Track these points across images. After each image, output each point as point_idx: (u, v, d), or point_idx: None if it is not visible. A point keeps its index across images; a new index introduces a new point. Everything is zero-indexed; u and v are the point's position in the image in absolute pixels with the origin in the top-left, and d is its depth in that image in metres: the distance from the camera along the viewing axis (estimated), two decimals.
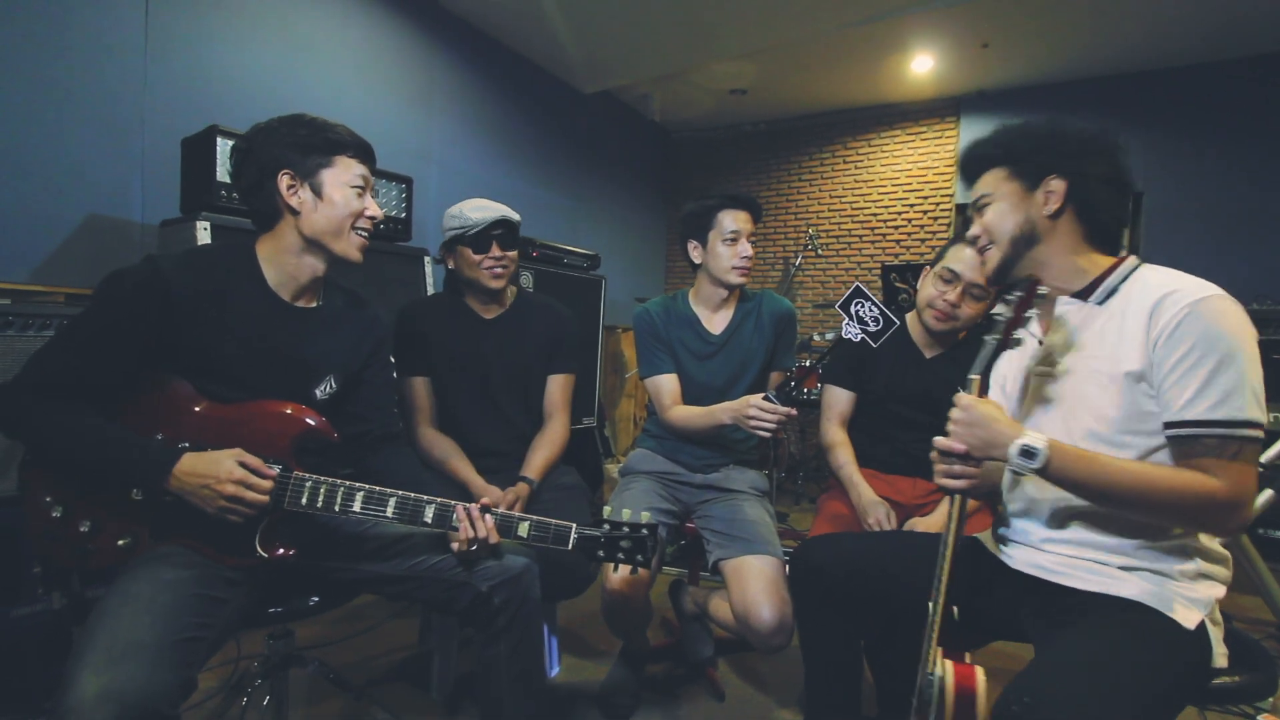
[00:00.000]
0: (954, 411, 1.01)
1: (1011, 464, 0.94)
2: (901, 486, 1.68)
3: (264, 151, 1.14)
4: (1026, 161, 1.09)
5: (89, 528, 1.07)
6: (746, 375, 1.83)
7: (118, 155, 2.23)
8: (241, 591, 1.10)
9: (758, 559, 1.54)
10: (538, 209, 4.16)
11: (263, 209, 1.17)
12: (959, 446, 0.99)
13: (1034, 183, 1.08)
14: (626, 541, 1.15)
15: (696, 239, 1.78)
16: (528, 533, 1.15)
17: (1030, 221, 1.08)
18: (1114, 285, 1.06)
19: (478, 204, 1.69)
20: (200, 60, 2.46)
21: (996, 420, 0.97)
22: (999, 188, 1.12)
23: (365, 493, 1.11)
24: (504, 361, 1.75)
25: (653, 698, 1.82)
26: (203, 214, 1.85)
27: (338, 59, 3.00)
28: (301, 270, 1.20)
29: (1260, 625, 2.22)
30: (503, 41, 3.90)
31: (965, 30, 3.71)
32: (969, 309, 1.62)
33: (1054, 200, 1.07)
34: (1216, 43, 3.69)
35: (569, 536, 1.15)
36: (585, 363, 3.28)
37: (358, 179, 1.19)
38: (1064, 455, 0.94)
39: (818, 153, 5.20)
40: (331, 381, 1.26)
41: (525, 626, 1.25)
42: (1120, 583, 1.00)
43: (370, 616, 2.23)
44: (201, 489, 1.02)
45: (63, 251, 2.10)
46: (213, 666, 1.82)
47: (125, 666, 0.86)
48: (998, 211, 1.11)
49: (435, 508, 1.14)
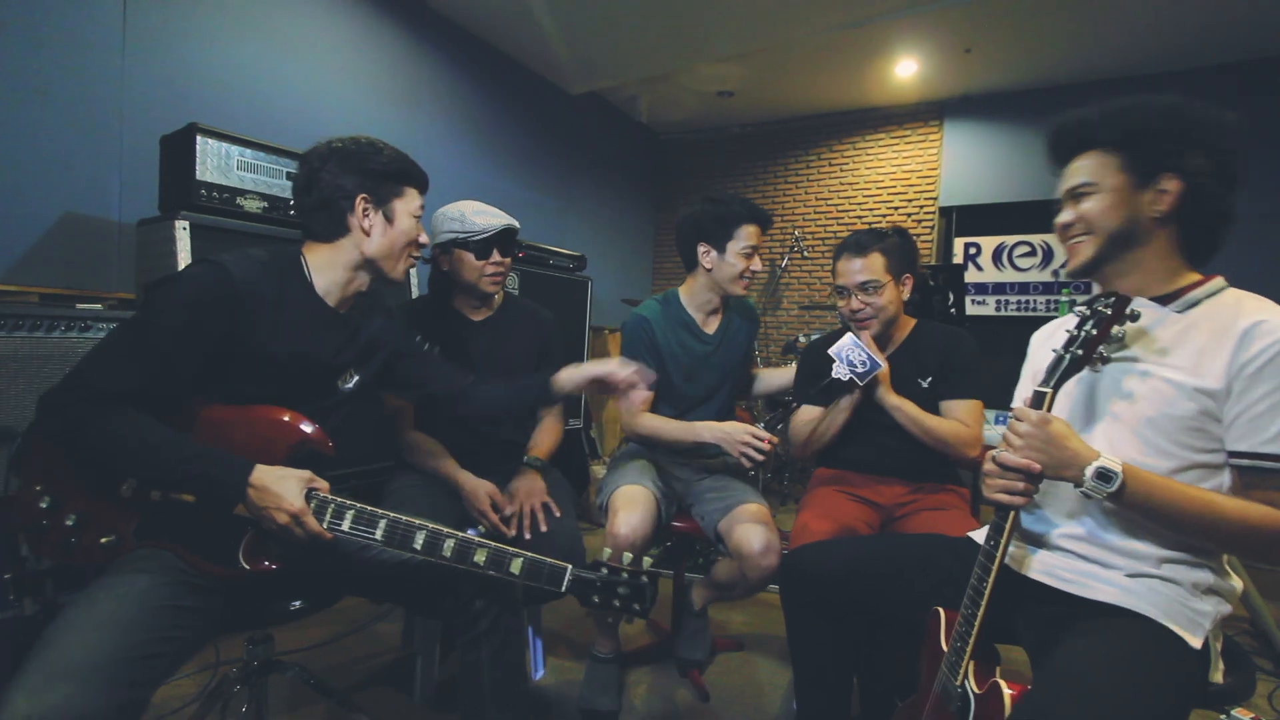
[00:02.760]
0: (1020, 426, 0.97)
1: (1085, 486, 0.92)
2: (880, 489, 1.69)
3: (343, 172, 1.18)
4: (1144, 154, 1.01)
5: (75, 521, 1.05)
6: (734, 375, 1.86)
7: (95, 153, 2.19)
8: (219, 599, 1.09)
9: (745, 505, 1.66)
10: (524, 210, 4.14)
11: (328, 224, 1.20)
12: (1032, 466, 0.94)
13: (1147, 179, 1.01)
14: (624, 589, 1.08)
15: (711, 244, 1.78)
16: (520, 569, 1.08)
17: (1135, 221, 1.01)
18: (1198, 299, 1.01)
19: (477, 208, 1.69)
20: (180, 57, 2.42)
21: (1069, 439, 0.94)
22: (1106, 178, 1.03)
23: (355, 512, 1.08)
24: (493, 363, 1.75)
25: (637, 700, 1.82)
26: (182, 213, 1.82)
27: (321, 57, 2.97)
28: (351, 285, 1.24)
29: (1233, 622, 2.26)
30: (490, 42, 3.88)
31: (949, 35, 3.75)
32: (877, 300, 1.65)
33: (1165, 202, 1.00)
34: (1198, 49, 3.76)
35: (563, 578, 1.08)
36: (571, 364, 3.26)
37: (419, 209, 1.28)
38: (1139, 481, 0.91)
39: (803, 155, 5.23)
40: (355, 375, 1.29)
41: (507, 630, 1.24)
42: (1126, 593, 0.97)
43: (353, 620, 2.20)
44: (261, 511, 1.02)
45: (38, 250, 2.06)
46: (191, 673, 1.79)
47: (60, 689, 0.83)
48: (1101, 203, 1.03)
49: (426, 534, 1.08)
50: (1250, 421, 0.92)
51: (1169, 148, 1.00)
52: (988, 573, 0.97)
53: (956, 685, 1.00)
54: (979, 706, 0.96)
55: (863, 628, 1.32)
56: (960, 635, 1.00)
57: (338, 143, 1.21)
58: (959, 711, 0.99)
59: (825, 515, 1.61)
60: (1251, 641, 2.15)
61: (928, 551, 1.26)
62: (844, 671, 1.34)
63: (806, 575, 1.29)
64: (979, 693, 0.97)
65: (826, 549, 1.33)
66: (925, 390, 1.66)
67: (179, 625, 1.00)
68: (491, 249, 1.69)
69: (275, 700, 1.69)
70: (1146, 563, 0.99)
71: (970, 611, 0.99)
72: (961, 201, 4.63)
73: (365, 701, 1.71)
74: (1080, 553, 1.04)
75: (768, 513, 1.66)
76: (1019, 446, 0.96)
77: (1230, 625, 2.22)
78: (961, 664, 0.99)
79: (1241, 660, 1.06)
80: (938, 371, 1.66)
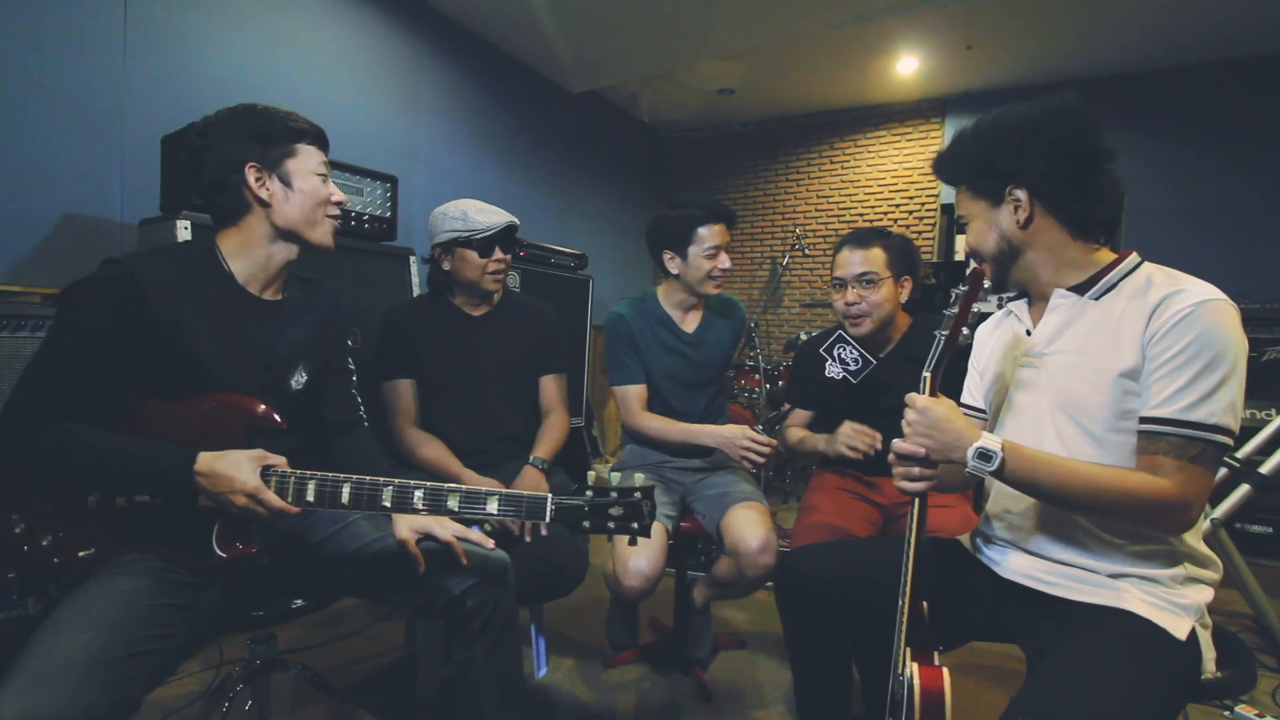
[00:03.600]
0: (909, 413, 1.00)
1: (968, 466, 0.94)
2: (882, 487, 1.69)
3: (224, 145, 1.11)
4: (982, 179, 1.06)
5: (51, 541, 1.03)
6: (717, 373, 1.88)
7: (96, 152, 2.19)
8: (210, 596, 1.08)
9: (744, 505, 1.67)
10: (525, 208, 4.13)
11: (227, 204, 1.14)
12: (918, 450, 0.98)
13: (998, 198, 1.06)
14: (617, 509, 1.02)
15: (674, 250, 1.79)
16: (497, 508, 1.03)
17: (1005, 237, 1.06)
18: (1113, 281, 1.03)
19: (478, 206, 1.69)
20: (181, 56, 2.42)
21: (952, 421, 0.96)
22: (968, 207, 1.09)
23: (318, 481, 1.05)
24: (494, 359, 1.76)
25: (639, 697, 1.82)
26: (184, 213, 1.82)
27: (323, 56, 2.97)
28: (273, 261, 1.18)
29: (1238, 619, 2.25)
30: (491, 41, 3.88)
31: (950, 32, 3.74)
32: (873, 295, 1.63)
33: (1021, 211, 1.04)
34: (1199, 46, 3.74)
35: (545, 508, 1.02)
36: (573, 362, 3.27)
37: (320, 165, 1.19)
38: (1019, 457, 0.94)
39: (805, 153, 5.22)
40: (302, 372, 1.25)
41: (502, 629, 1.23)
42: (1110, 592, 0.99)
43: (356, 620, 2.21)
44: (218, 496, 1.00)
45: (40, 251, 2.06)
46: (194, 671, 1.79)
47: (51, 689, 0.83)
48: (975, 232, 1.09)
49: (393, 489, 1.04)
50: (1148, 387, 0.94)
51: (1002, 166, 1.04)
52: (907, 560, 1.01)
53: (898, 674, 1.01)
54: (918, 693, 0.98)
55: (861, 629, 1.32)
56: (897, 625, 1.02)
57: (213, 115, 1.14)
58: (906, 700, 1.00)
59: (827, 514, 1.61)
60: (1255, 639, 2.15)
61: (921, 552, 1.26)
62: (842, 672, 1.34)
63: (801, 578, 1.29)
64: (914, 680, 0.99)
65: (819, 552, 1.33)
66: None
67: (168, 624, 0.99)
68: (494, 247, 1.69)
69: (278, 699, 1.69)
70: (1122, 561, 1.00)
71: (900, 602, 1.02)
72: None
73: (367, 701, 1.71)
74: (1060, 559, 1.05)
75: (766, 510, 1.66)
76: (908, 433, 0.99)
77: (1235, 622, 2.21)
78: (898, 652, 1.01)
79: (1238, 653, 1.06)
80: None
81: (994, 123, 1.07)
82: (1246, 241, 3.74)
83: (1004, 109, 1.08)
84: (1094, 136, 1.02)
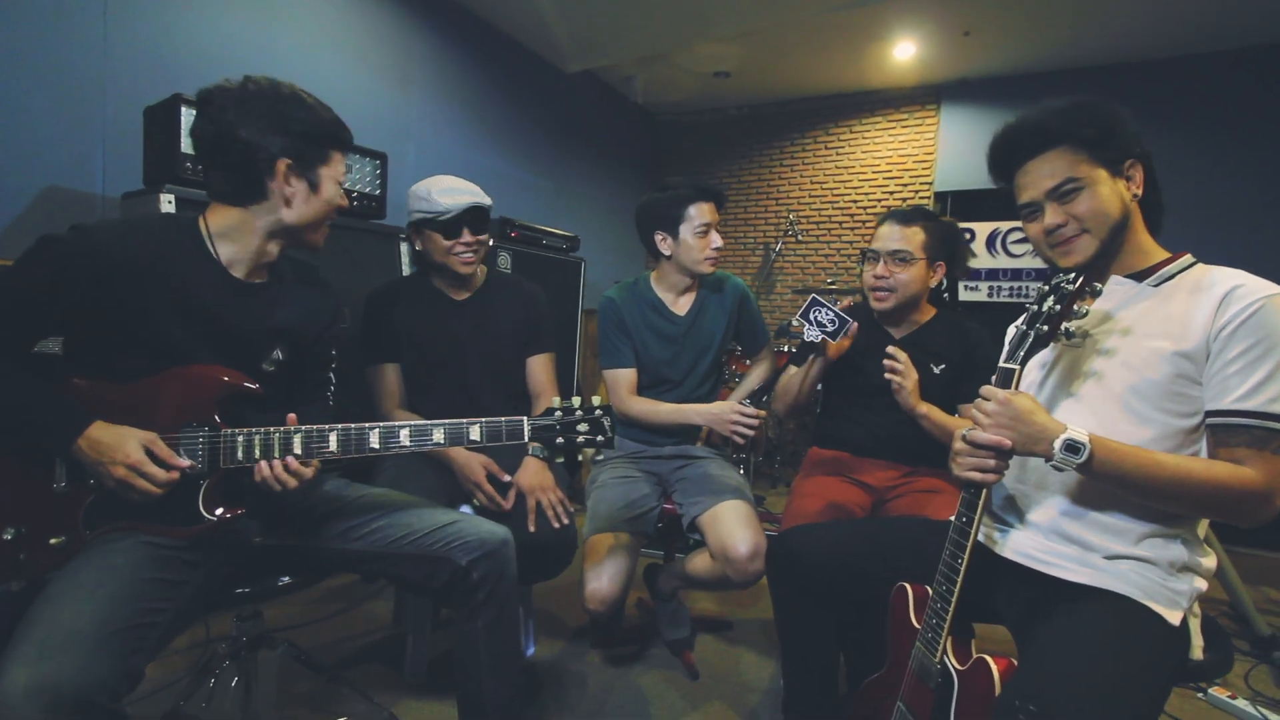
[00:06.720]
0: (987, 405, 0.98)
1: (1055, 459, 0.93)
2: (873, 471, 1.70)
3: (260, 130, 1.05)
4: (1106, 145, 1.05)
5: (14, 535, 1.00)
6: (708, 356, 1.87)
7: (77, 124, 2.14)
8: (202, 572, 1.08)
9: (729, 503, 1.63)
10: (517, 189, 4.10)
11: (241, 186, 1.09)
12: (1003, 443, 0.96)
13: (1118, 167, 1.06)
14: (583, 424, 1.14)
15: (665, 231, 1.78)
16: (481, 435, 1.11)
17: (1126, 207, 1.06)
18: (1172, 273, 1.06)
19: (446, 185, 1.62)
20: (164, 25, 2.36)
21: (1036, 414, 0.95)
22: (1085, 173, 1.05)
23: (304, 434, 1.04)
24: (478, 344, 1.72)
25: (627, 680, 1.84)
26: (167, 186, 1.79)
27: (311, 28, 2.90)
28: (265, 253, 1.15)
29: (1214, 604, 2.30)
30: (484, 17, 3.81)
31: (948, 18, 3.71)
32: (902, 274, 1.63)
33: (1136, 184, 1.07)
34: (1198, 35, 3.73)
35: (523, 430, 1.12)
36: (564, 345, 3.26)
37: (344, 174, 1.18)
38: (1106, 449, 0.93)
39: (800, 138, 5.19)
40: (279, 352, 1.21)
41: (503, 602, 1.24)
42: (1105, 575, 0.99)
43: (345, 598, 2.21)
44: (97, 465, 0.98)
45: (20, 224, 2.02)
46: (180, 649, 1.79)
47: (59, 658, 0.83)
48: (1096, 198, 1.04)
49: (380, 432, 1.07)
50: (1224, 381, 0.95)
51: (1123, 137, 1.06)
52: (961, 550, 0.99)
53: (935, 662, 1.01)
54: (964, 682, 0.98)
55: (850, 609, 1.33)
56: (936, 613, 1.02)
57: (252, 85, 1.06)
58: (940, 688, 1.00)
59: (817, 497, 1.61)
60: (1231, 624, 2.19)
61: (913, 534, 1.27)
62: (830, 652, 1.36)
63: (793, 558, 1.30)
64: (961, 669, 0.99)
65: (812, 532, 1.34)
66: (936, 376, 1.64)
67: (165, 597, 0.99)
68: (461, 228, 1.61)
69: (265, 677, 1.69)
70: (1122, 543, 1.01)
71: (945, 589, 1.00)
72: (957, 187, 4.61)
73: (355, 678, 1.72)
74: (1057, 534, 1.06)
75: (753, 512, 1.63)
76: (988, 424, 0.98)
77: (1211, 607, 2.26)
78: (940, 641, 1.01)
79: (1219, 637, 1.08)
80: (954, 363, 1.65)
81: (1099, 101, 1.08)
82: (1253, 232, 3.73)
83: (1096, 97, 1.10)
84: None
